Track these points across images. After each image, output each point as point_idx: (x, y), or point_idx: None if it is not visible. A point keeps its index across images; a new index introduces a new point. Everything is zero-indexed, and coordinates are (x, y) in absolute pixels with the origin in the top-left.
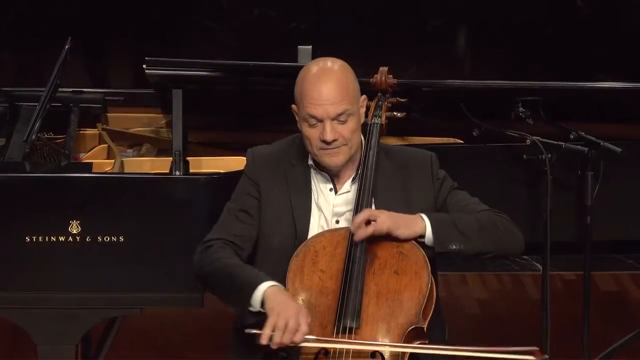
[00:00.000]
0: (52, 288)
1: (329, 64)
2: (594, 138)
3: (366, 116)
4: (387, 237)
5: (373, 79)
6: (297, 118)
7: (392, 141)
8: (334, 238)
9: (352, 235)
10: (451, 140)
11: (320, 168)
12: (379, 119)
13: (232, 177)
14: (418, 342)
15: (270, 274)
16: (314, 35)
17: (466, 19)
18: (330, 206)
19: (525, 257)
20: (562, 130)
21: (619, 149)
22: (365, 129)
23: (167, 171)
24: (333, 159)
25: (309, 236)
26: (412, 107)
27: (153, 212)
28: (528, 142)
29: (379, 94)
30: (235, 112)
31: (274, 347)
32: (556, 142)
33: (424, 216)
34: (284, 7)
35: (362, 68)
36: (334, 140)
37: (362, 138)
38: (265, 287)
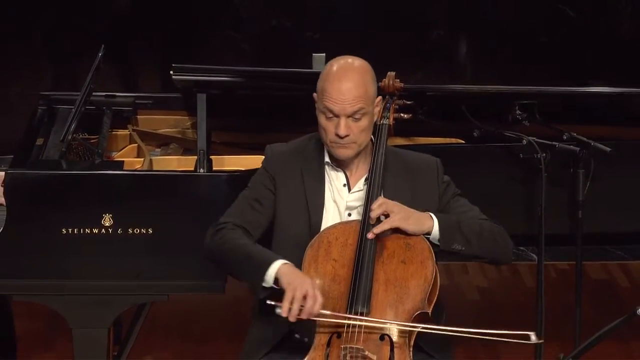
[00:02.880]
0: (86, 276)
1: (350, 61)
2: (585, 138)
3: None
4: (396, 230)
5: (381, 82)
6: (316, 106)
7: (399, 141)
8: (346, 229)
9: (363, 227)
10: (453, 140)
11: (336, 165)
12: (387, 120)
13: (251, 174)
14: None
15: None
16: (327, 43)
17: (467, 29)
18: (344, 201)
19: (521, 248)
20: (556, 131)
21: (608, 149)
22: (374, 129)
23: (192, 169)
24: (343, 151)
25: (323, 227)
26: (418, 109)
27: (179, 206)
28: (524, 142)
29: (387, 97)
30: (255, 115)
31: (292, 319)
32: (550, 142)
33: (433, 215)
34: (299, 18)
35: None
36: (347, 136)
37: (372, 137)
38: (278, 265)
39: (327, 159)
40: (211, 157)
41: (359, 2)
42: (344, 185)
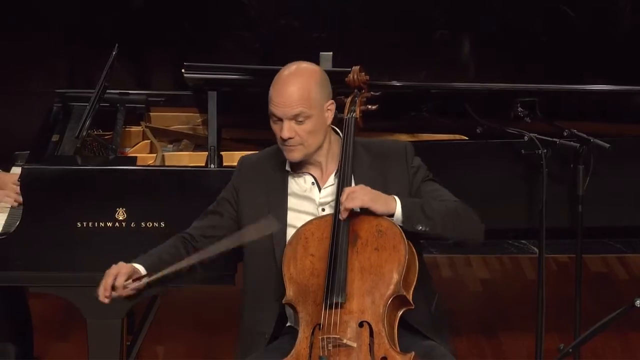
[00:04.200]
0: (100, 268)
1: (294, 68)
2: (584, 135)
3: (342, 112)
4: (367, 217)
5: (347, 77)
6: None
7: (404, 137)
8: (321, 224)
9: (336, 219)
10: (457, 136)
11: (298, 170)
12: (354, 113)
13: None
14: (403, 310)
15: (256, 272)
16: (334, 43)
17: (470, 28)
18: (316, 199)
19: (523, 241)
20: (557, 127)
21: (607, 145)
22: (342, 124)
23: (203, 164)
24: (290, 154)
25: (287, 235)
26: (421, 107)
27: (190, 201)
28: (526, 138)
29: (354, 91)
30: (264, 112)
31: (102, 299)
32: (551, 139)
33: (396, 197)
34: (307, 18)
35: (377, 72)
36: (290, 138)
37: (340, 134)
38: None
39: (287, 167)
40: (221, 152)
41: (364, 3)
42: (312, 183)
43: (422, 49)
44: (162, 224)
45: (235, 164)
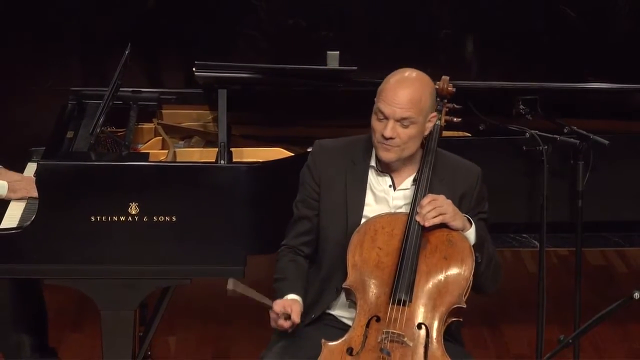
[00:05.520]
0: (113, 261)
1: (415, 74)
2: (584, 132)
3: None
4: (441, 225)
5: (437, 85)
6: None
7: None
8: (392, 220)
9: (411, 219)
10: (460, 133)
11: (381, 169)
12: (439, 121)
13: (269, 166)
14: (453, 320)
15: (328, 262)
16: (341, 42)
17: (473, 28)
18: (390, 199)
19: (524, 235)
20: (557, 125)
21: (606, 142)
22: None
23: (214, 160)
24: (385, 153)
25: None
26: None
27: (201, 196)
28: (527, 135)
29: (438, 99)
30: (273, 109)
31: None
32: (552, 136)
33: (471, 219)
34: (314, 18)
35: (382, 71)
36: (391, 138)
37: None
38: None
39: (372, 162)
40: (231, 149)
41: (370, 3)
42: (390, 186)
43: (426, 47)
44: (174, 218)
45: (244, 160)
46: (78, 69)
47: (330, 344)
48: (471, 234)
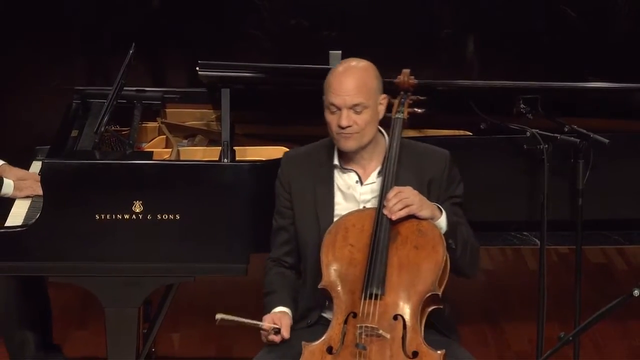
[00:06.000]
0: (118, 259)
1: (354, 63)
2: (584, 131)
3: (390, 112)
4: (410, 216)
5: (397, 79)
6: (324, 106)
7: (411, 133)
8: (362, 216)
9: (379, 214)
10: (462, 132)
11: (345, 165)
12: (402, 114)
13: (272, 164)
14: (432, 308)
15: (311, 267)
16: (343, 41)
17: (474, 28)
18: (358, 194)
19: (525, 233)
20: (558, 124)
21: (606, 140)
22: (389, 124)
23: (217, 159)
24: (345, 142)
25: None
26: (430, 103)
27: (205, 194)
28: (528, 134)
29: (401, 92)
30: (275, 108)
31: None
32: (552, 134)
33: (442, 208)
34: (317, 18)
35: (385, 70)
36: (349, 127)
37: (385, 133)
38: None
39: (335, 161)
40: (234, 147)
41: (372, 3)
42: (356, 182)
43: (428, 47)
44: (177, 217)
45: (247, 158)
46: (83, 68)
47: (311, 345)
48: (442, 221)
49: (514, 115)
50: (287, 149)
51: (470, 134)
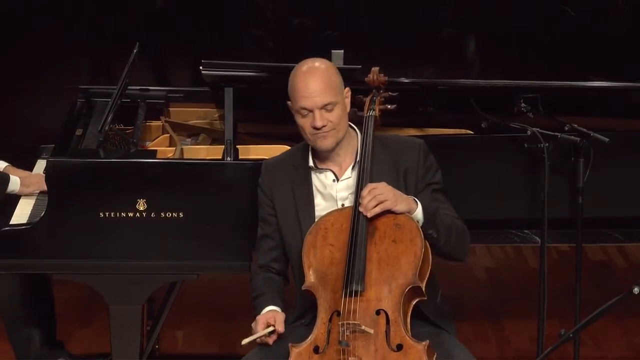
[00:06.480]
0: (122, 257)
1: (316, 63)
2: (584, 129)
3: (362, 110)
4: (387, 211)
5: (366, 77)
6: (292, 112)
7: (412, 132)
8: (340, 215)
9: (355, 211)
10: (463, 131)
11: (321, 165)
12: (374, 112)
13: None
14: (417, 300)
15: (298, 271)
16: (345, 41)
17: (475, 28)
18: (335, 192)
19: (526, 231)
20: (558, 122)
21: (606, 139)
22: (361, 121)
23: (220, 157)
24: (323, 141)
25: None
26: (429, 102)
27: (208, 192)
28: (529, 133)
29: (373, 90)
30: (278, 107)
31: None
32: (553, 133)
33: (417, 200)
34: (319, 18)
35: (385, 69)
36: (324, 126)
37: (357, 129)
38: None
39: (310, 163)
40: (237, 146)
41: (374, 3)
42: (333, 180)
43: (429, 47)
44: (181, 215)
45: (250, 157)
46: (87, 67)
47: (297, 346)
48: (418, 213)
49: (515, 114)
50: (290, 148)
51: (472, 132)
